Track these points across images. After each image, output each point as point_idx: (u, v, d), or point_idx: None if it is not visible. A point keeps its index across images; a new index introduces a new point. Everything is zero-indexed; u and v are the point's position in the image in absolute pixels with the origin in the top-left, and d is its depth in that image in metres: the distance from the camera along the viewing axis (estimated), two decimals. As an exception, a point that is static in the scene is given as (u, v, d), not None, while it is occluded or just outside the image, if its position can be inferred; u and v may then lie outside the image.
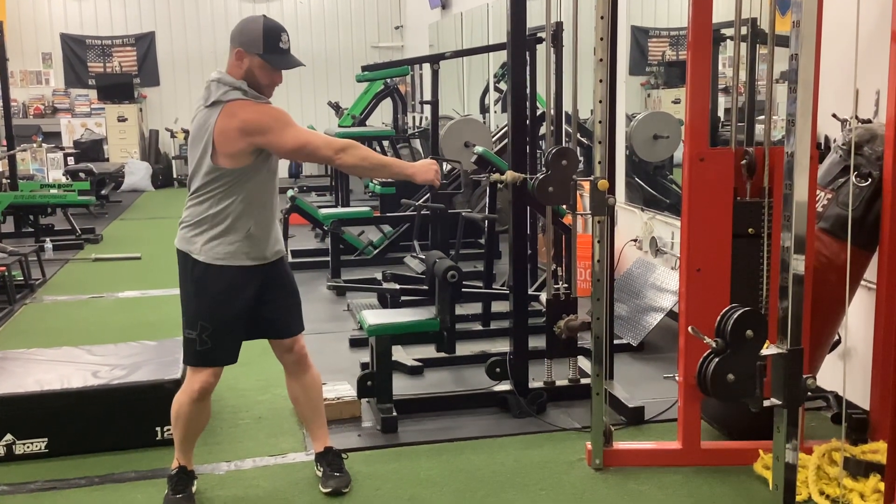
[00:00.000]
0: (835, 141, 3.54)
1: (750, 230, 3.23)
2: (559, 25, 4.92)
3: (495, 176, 3.78)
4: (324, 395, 3.46)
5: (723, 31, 4.51)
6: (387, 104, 10.23)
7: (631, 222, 5.90)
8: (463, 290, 4.07)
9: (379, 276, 5.91)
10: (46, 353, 4.22)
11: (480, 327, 5.19)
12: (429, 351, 4.37)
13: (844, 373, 3.64)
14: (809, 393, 2.32)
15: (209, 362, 3.06)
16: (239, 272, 3.02)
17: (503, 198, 5.77)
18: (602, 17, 3.24)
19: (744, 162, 3.22)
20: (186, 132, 12.97)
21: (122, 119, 13.46)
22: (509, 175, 3.67)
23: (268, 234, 3.09)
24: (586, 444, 3.45)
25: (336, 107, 10.86)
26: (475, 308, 5.31)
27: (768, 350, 2.29)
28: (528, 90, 4.64)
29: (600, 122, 3.28)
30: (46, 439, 3.56)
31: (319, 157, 3.10)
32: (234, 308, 3.04)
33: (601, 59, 3.25)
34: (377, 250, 7.16)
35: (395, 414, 3.80)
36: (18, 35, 13.22)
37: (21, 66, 13.49)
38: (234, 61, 2.98)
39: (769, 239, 3.22)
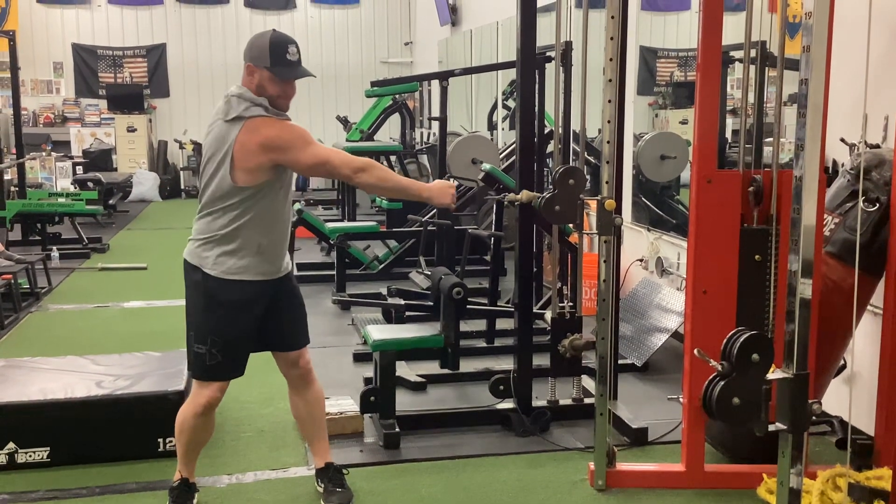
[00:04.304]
0: (843, 165, 3.54)
1: (756, 257, 3.23)
2: (568, 45, 4.94)
3: (510, 196, 3.76)
4: (326, 410, 3.46)
5: (732, 53, 4.52)
6: (395, 119, 10.24)
7: (637, 242, 5.90)
8: (468, 306, 4.06)
9: (384, 290, 5.91)
10: (50, 361, 4.23)
11: (485, 344, 5.18)
12: (433, 367, 4.35)
13: (850, 398, 3.62)
14: (814, 418, 2.31)
15: (218, 376, 3.06)
16: (250, 286, 3.02)
17: (510, 215, 5.79)
18: (612, 38, 3.26)
19: (751, 189, 3.21)
20: (195, 143, 13.05)
21: (131, 129, 13.51)
22: (524, 195, 3.66)
23: (280, 249, 3.11)
24: (589, 465, 3.44)
25: (345, 121, 10.88)
26: (480, 325, 5.30)
27: (774, 374, 2.28)
28: (536, 108, 4.65)
29: (608, 141, 3.29)
30: (48, 448, 3.56)
31: (338, 176, 3.14)
32: (246, 322, 3.04)
33: (610, 80, 3.26)
34: (383, 265, 7.16)
35: (397, 430, 3.80)
36: (30, 44, 13.30)
37: (32, 75, 13.57)
38: (245, 76, 3.01)
39: (776, 264, 3.21)
